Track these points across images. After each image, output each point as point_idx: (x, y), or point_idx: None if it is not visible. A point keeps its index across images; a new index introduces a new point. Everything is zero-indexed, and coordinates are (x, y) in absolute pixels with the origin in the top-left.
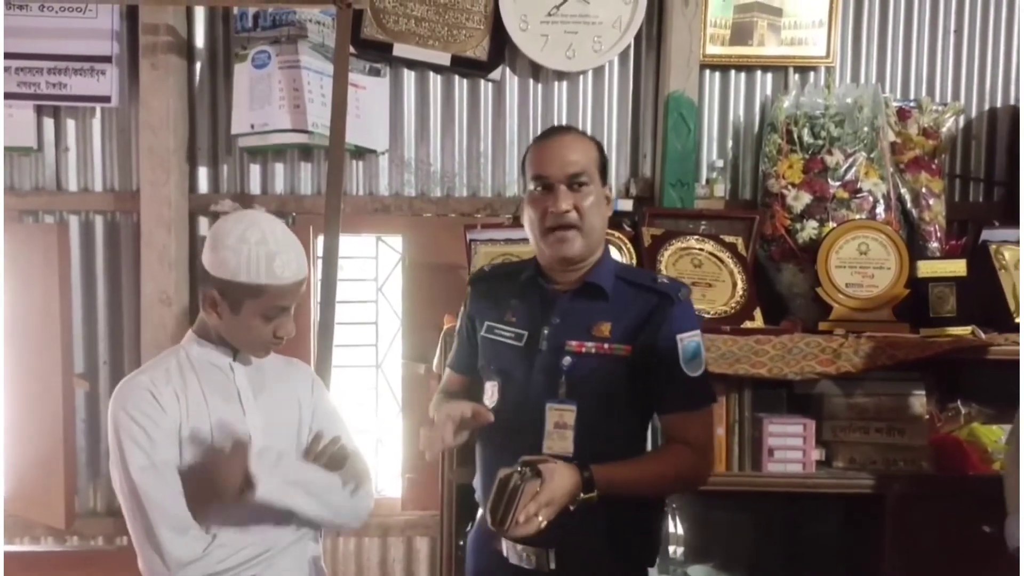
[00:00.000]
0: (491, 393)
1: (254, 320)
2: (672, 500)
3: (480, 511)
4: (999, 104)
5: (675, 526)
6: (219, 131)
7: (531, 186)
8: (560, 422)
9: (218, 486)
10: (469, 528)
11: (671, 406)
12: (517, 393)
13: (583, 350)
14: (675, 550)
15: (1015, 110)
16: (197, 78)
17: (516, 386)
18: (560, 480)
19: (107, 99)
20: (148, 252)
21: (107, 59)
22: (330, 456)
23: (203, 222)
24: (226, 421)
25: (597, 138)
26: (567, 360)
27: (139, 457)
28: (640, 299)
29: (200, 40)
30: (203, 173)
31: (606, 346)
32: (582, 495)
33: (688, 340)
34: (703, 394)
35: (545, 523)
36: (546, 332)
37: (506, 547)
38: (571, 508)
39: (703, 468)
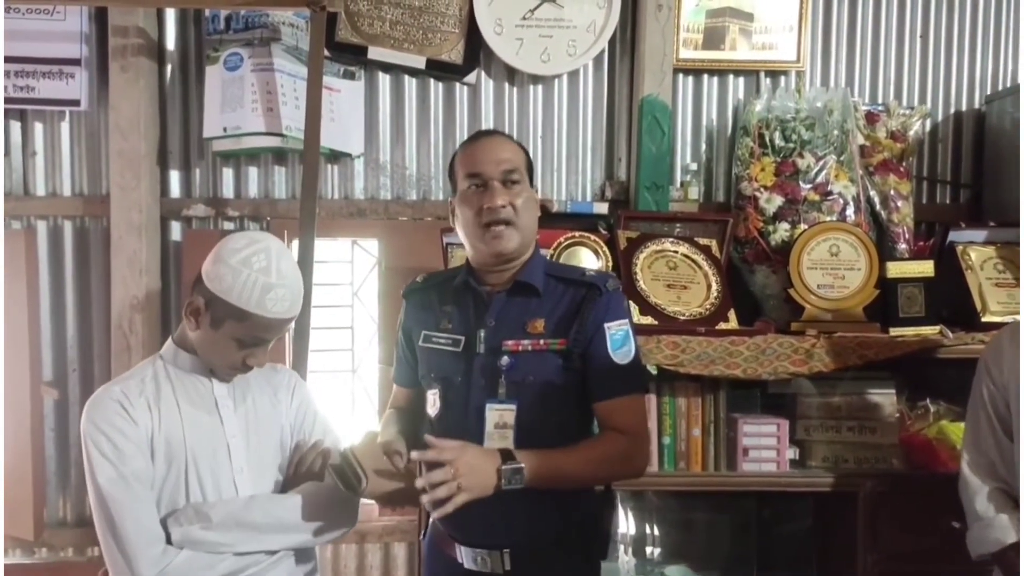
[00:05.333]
0: (433, 401)
1: (229, 342)
2: (650, 501)
3: (432, 518)
4: (964, 108)
5: (651, 527)
6: (191, 134)
7: (464, 185)
8: (500, 422)
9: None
10: (422, 536)
11: (601, 394)
12: (458, 398)
13: (519, 348)
14: (652, 551)
15: (980, 113)
16: (168, 81)
17: (457, 391)
18: (467, 452)
19: (76, 102)
20: (118, 258)
21: (76, 62)
22: (310, 464)
23: (175, 227)
24: (202, 432)
25: (573, 142)
26: (505, 360)
27: (106, 469)
28: (570, 292)
29: (171, 42)
30: (175, 177)
31: (541, 342)
32: (506, 465)
33: (616, 329)
34: (632, 381)
35: (461, 495)
36: (482, 334)
37: (461, 552)
38: (503, 486)
39: (636, 454)
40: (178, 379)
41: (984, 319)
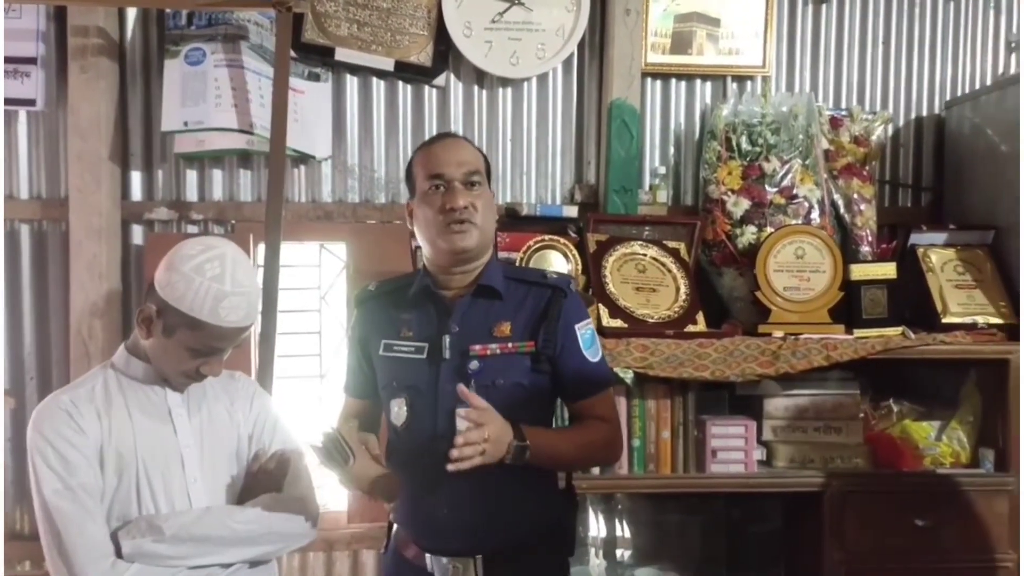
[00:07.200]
0: (397, 410)
1: (182, 351)
2: (620, 503)
3: (395, 528)
4: (924, 113)
5: (622, 529)
6: (153, 136)
7: (425, 186)
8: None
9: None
10: (383, 550)
11: (580, 393)
12: (426, 405)
13: (488, 352)
14: (622, 553)
15: (940, 119)
16: (129, 82)
17: (424, 398)
18: (496, 421)
19: (32, 102)
20: (77, 262)
21: (32, 61)
22: (269, 474)
23: (136, 230)
24: (154, 442)
25: (542, 145)
26: (474, 364)
27: (53, 480)
28: (533, 295)
29: (132, 43)
30: (136, 179)
31: (510, 345)
32: (515, 442)
33: (585, 329)
34: (604, 377)
35: (478, 459)
36: (448, 340)
37: (430, 561)
38: (507, 460)
39: (616, 439)
40: (130, 388)
41: (944, 320)
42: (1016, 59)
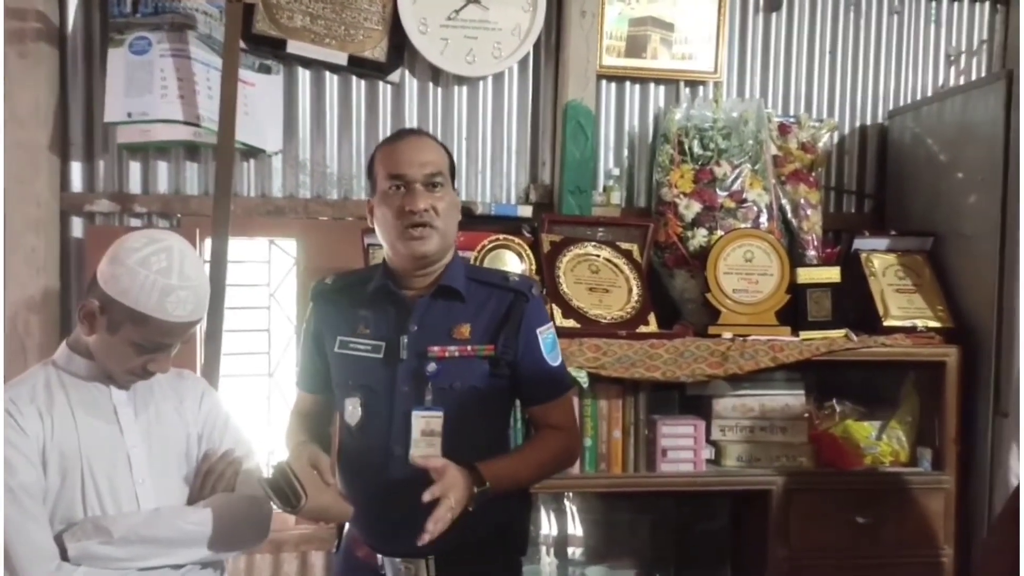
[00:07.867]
0: (352, 409)
1: (127, 347)
2: (572, 502)
3: (347, 528)
4: (869, 122)
5: (574, 527)
6: (95, 125)
7: (385, 185)
8: (427, 429)
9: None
10: (334, 549)
11: (539, 398)
12: (381, 406)
13: (446, 354)
14: (573, 551)
15: (883, 127)
16: (70, 69)
17: (379, 399)
18: (456, 479)
19: None
20: (14, 255)
21: None
22: (220, 474)
23: (76, 223)
24: (99, 442)
25: (497, 144)
26: (431, 366)
27: None
28: (495, 298)
29: (74, 29)
30: (76, 170)
31: (469, 348)
32: (476, 489)
33: (546, 333)
34: (564, 381)
35: (449, 518)
36: (405, 340)
37: (383, 563)
38: (470, 508)
39: (574, 446)
40: (73, 386)
41: (885, 323)
42: (956, 71)
